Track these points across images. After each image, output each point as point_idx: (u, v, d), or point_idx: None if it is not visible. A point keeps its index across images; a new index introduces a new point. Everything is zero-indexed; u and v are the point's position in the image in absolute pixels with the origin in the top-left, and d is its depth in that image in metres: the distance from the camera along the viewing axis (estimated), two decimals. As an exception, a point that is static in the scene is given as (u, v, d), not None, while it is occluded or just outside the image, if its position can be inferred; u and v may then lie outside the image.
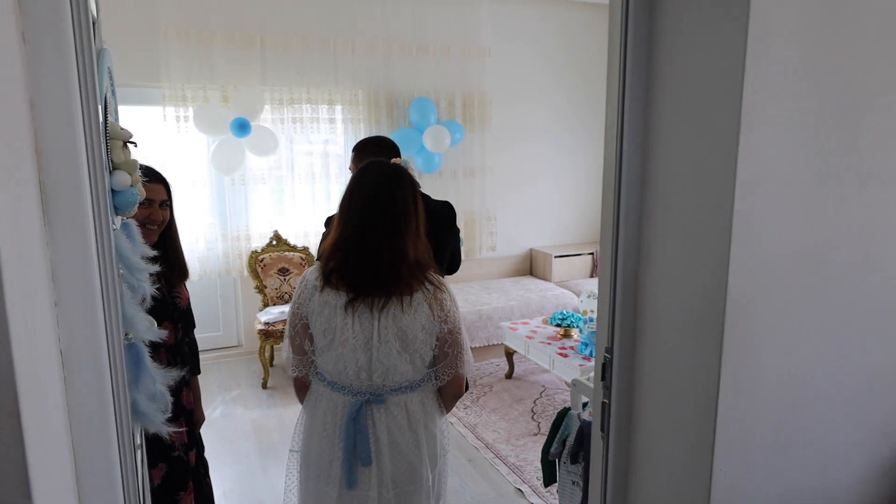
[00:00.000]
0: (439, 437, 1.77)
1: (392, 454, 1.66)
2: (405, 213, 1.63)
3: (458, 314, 1.69)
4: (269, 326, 4.40)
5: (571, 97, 5.89)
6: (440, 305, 1.64)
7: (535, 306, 5.03)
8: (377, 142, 2.61)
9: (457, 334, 1.68)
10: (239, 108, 4.43)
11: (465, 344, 1.72)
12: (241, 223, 4.80)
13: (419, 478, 1.69)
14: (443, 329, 1.64)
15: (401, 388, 1.67)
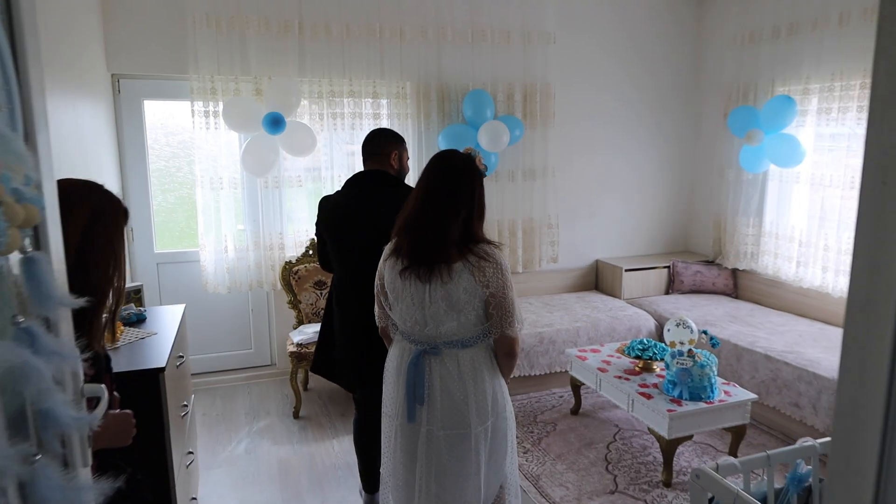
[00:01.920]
0: (490, 394, 1.99)
1: (443, 399, 1.95)
2: (455, 200, 1.92)
3: (502, 281, 1.92)
4: (301, 348, 3.89)
5: (645, 90, 5.20)
6: (482, 272, 1.90)
7: (604, 329, 4.37)
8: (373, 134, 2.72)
9: (500, 298, 1.92)
10: (273, 102, 3.95)
11: (511, 307, 1.94)
12: (274, 230, 4.32)
13: (466, 424, 1.96)
14: (485, 293, 1.91)
15: (453, 343, 1.96)
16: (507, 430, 2.05)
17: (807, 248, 4.33)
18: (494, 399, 2.00)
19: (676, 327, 3.27)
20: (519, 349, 2.00)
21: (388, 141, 2.63)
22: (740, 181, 4.81)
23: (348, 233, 2.54)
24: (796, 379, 3.47)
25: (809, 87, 4.24)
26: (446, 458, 1.98)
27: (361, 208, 2.53)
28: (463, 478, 1.99)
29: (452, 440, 1.96)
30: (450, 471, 1.98)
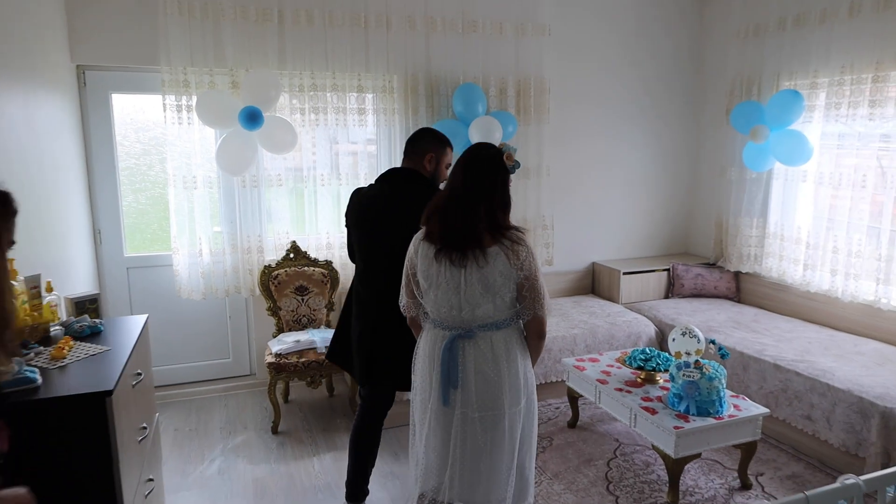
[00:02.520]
0: (522, 375, 2.08)
1: (477, 381, 2.04)
2: (486, 190, 2.02)
3: (534, 264, 2.03)
4: (280, 359, 3.64)
5: (644, 86, 4.98)
6: (516, 256, 1.99)
7: (602, 336, 4.14)
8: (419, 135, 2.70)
9: (533, 281, 2.01)
10: (250, 96, 3.69)
11: (542, 290, 2.04)
12: (253, 232, 4.06)
13: (500, 405, 2.04)
14: (519, 275, 2.00)
15: (486, 326, 2.04)
16: (535, 413, 2.17)
17: (814, 250, 4.12)
18: (526, 380, 2.10)
19: (682, 336, 3.04)
20: (546, 329, 2.12)
21: (427, 141, 2.61)
22: (743, 180, 4.59)
23: (370, 226, 2.59)
24: (808, 390, 3.25)
25: (817, 81, 4.03)
26: (481, 440, 2.06)
27: (385, 203, 2.55)
28: (497, 459, 2.08)
29: (487, 422, 2.05)
30: (484, 452, 2.07)
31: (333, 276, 4.10)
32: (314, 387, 3.76)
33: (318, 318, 4.05)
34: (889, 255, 3.67)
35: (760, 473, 3.15)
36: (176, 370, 4.21)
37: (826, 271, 4.04)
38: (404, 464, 3.27)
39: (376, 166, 4.27)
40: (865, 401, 2.97)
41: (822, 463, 3.22)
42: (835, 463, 3.16)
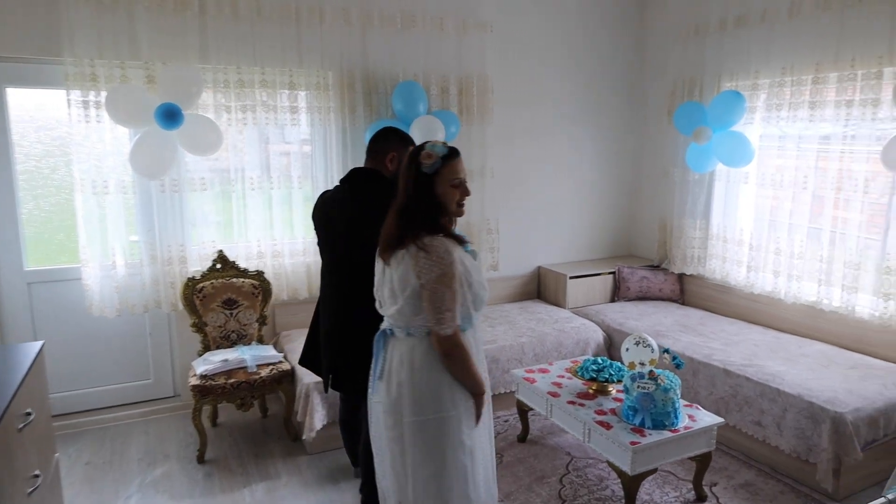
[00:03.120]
0: (423, 389, 1.96)
1: (391, 377, 2.03)
2: (404, 190, 1.99)
3: (435, 274, 1.87)
4: (206, 381, 3.31)
5: (587, 86, 4.89)
6: (416, 262, 1.90)
7: (550, 344, 4.00)
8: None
9: (430, 292, 1.89)
10: (168, 92, 3.35)
11: (441, 304, 1.88)
12: (174, 241, 3.71)
13: (399, 412, 2.00)
14: (417, 283, 1.91)
15: (400, 327, 2.02)
16: (446, 437, 1.97)
17: (757, 251, 4.12)
18: (436, 396, 1.97)
19: (636, 346, 2.92)
20: (457, 350, 1.94)
21: (389, 141, 2.59)
22: (686, 181, 4.57)
23: (331, 228, 2.59)
24: (758, 395, 3.21)
25: (758, 82, 4.03)
26: (385, 439, 2.07)
27: (343, 205, 2.54)
28: (391, 464, 2.07)
29: (388, 422, 2.04)
30: (383, 451, 2.09)
31: (265, 287, 3.79)
32: (245, 409, 3.45)
33: (248, 334, 3.74)
34: (830, 256, 3.69)
35: (714, 483, 3.07)
36: (88, 395, 3.81)
37: (769, 273, 4.05)
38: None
39: (311, 168, 4.00)
40: (815, 406, 2.93)
41: (773, 469, 3.17)
42: (786, 469, 3.12)
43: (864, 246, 3.52)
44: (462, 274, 1.94)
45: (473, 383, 2.01)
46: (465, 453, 2.00)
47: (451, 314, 1.88)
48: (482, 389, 2.03)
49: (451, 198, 1.97)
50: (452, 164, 1.97)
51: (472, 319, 2.05)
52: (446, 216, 1.99)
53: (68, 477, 3.16)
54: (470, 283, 1.97)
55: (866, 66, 3.42)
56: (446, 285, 1.87)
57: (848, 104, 3.51)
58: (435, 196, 1.95)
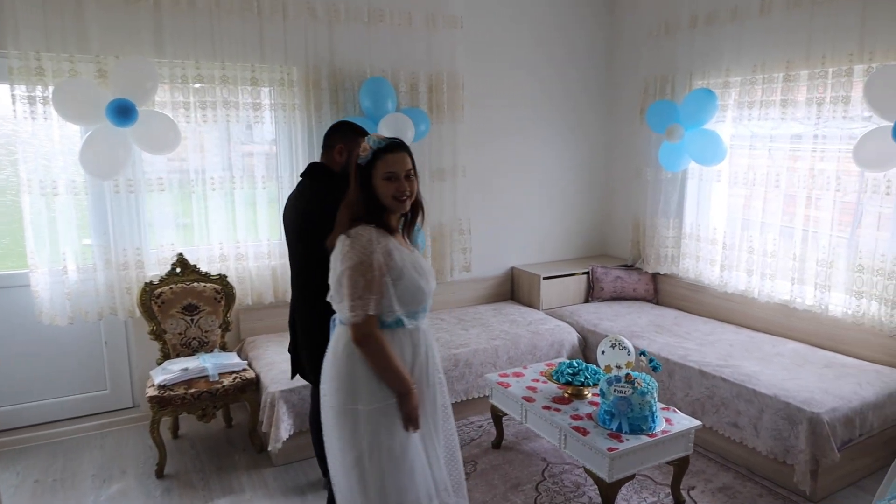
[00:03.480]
0: (342, 378, 1.97)
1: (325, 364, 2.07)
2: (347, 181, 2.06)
3: (353, 262, 1.88)
4: (164, 391, 3.14)
5: (558, 84, 4.83)
6: (341, 250, 1.92)
7: (524, 346, 3.92)
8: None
9: (346, 278, 1.89)
10: (121, 87, 3.17)
11: (345, 290, 1.89)
12: (130, 245, 3.52)
13: (325, 392, 2.04)
14: (335, 270, 1.93)
15: (337, 316, 2.05)
16: (360, 432, 1.95)
17: (730, 250, 4.09)
18: (353, 386, 1.96)
19: (612, 349, 2.85)
20: (368, 342, 1.91)
21: (338, 134, 2.61)
22: (659, 180, 4.53)
23: (285, 222, 2.65)
24: (734, 396, 3.16)
25: (730, 80, 4.00)
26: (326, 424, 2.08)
27: (294, 199, 2.60)
28: (330, 451, 2.08)
29: (325, 406, 2.06)
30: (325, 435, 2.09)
31: (228, 291, 3.63)
32: (207, 420, 3.29)
33: (210, 341, 3.57)
34: (802, 254, 3.67)
35: (692, 487, 3.01)
36: (38, 408, 3.60)
37: (742, 271, 4.02)
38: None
39: (276, 167, 3.84)
40: (792, 406, 2.90)
41: (750, 471, 3.13)
42: (763, 471, 3.08)
43: (836, 244, 3.51)
44: (387, 266, 1.90)
45: (392, 380, 1.93)
46: (382, 454, 1.93)
47: (361, 303, 1.86)
48: (404, 388, 1.94)
49: (385, 191, 1.95)
50: (386, 158, 1.95)
51: (414, 316, 1.99)
52: (384, 210, 1.98)
53: (14, 498, 2.97)
54: (399, 277, 1.93)
55: (837, 63, 3.41)
56: (361, 273, 1.86)
57: (819, 102, 3.49)
58: (372, 188, 1.96)
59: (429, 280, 2.02)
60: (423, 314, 2.04)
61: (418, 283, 1.97)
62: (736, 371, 3.26)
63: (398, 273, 1.93)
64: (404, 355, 1.99)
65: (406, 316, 1.96)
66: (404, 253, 1.98)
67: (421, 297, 1.99)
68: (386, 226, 1.97)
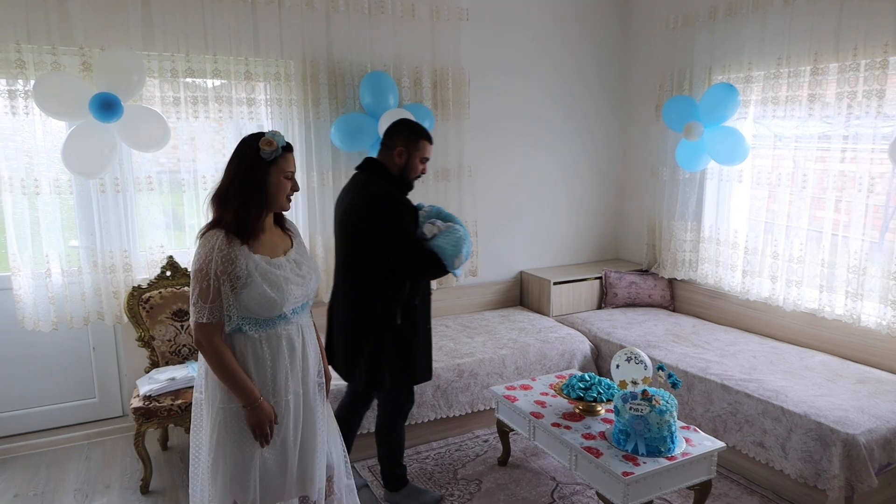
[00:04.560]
0: (207, 375, 1.95)
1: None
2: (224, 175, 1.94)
3: (195, 267, 1.84)
4: (150, 402, 2.96)
5: (569, 80, 4.61)
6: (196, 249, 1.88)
7: (533, 356, 3.70)
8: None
9: (190, 281, 1.88)
10: (106, 80, 3.00)
11: (192, 295, 1.86)
12: (117, 247, 3.35)
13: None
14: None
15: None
16: (214, 437, 1.93)
17: (753, 255, 3.85)
18: (207, 378, 1.95)
19: (627, 363, 2.63)
20: (205, 346, 1.86)
21: (399, 135, 2.57)
22: (676, 180, 4.30)
23: (334, 217, 2.67)
24: (760, 414, 2.93)
25: (752, 74, 3.76)
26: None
27: (341, 194, 2.64)
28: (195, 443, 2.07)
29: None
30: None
31: (221, 296, 3.44)
32: (194, 434, 3.10)
33: (201, 349, 3.39)
34: (832, 260, 3.43)
35: (713, 512, 2.78)
36: (22, 417, 3.44)
37: (766, 278, 3.78)
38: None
39: (272, 167, 3.65)
40: (825, 427, 2.66)
41: (777, 496, 2.89)
42: (792, 495, 2.84)
43: (869, 249, 3.26)
44: (227, 273, 1.83)
45: (234, 389, 1.88)
46: (228, 454, 1.92)
47: (195, 308, 1.84)
48: (247, 399, 1.88)
49: (283, 189, 1.94)
50: (289, 156, 1.95)
51: (263, 325, 1.93)
52: (268, 208, 1.94)
53: (-11, 515, 2.80)
54: (244, 285, 1.85)
55: (870, 54, 3.16)
56: (198, 280, 1.84)
57: (850, 97, 3.25)
58: (265, 185, 1.90)
59: (283, 288, 1.91)
60: (281, 323, 1.95)
61: (267, 292, 1.87)
62: (761, 386, 3.03)
63: (242, 282, 1.86)
64: (250, 363, 1.92)
65: (251, 324, 1.91)
66: (255, 260, 1.88)
67: (272, 307, 1.90)
68: (248, 228, 1.88)
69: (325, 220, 3.78)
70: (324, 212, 3.77)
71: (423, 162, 2.60)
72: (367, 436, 3.18)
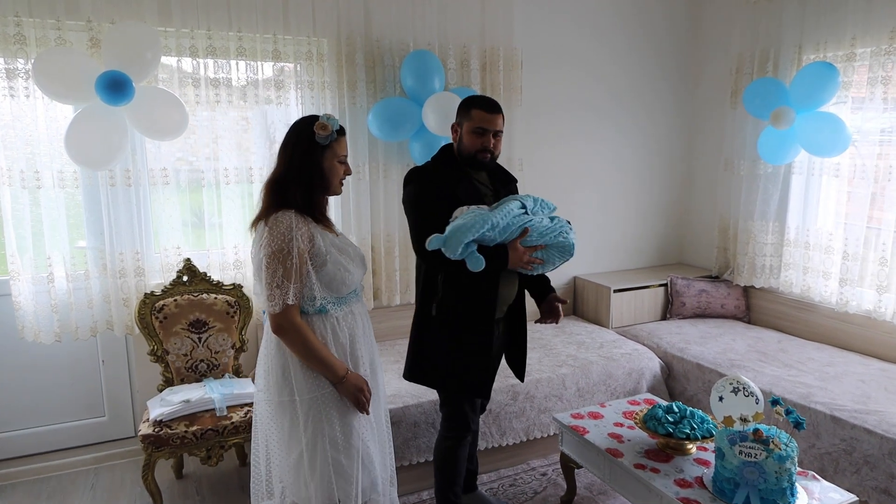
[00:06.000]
0: (275, 370, 1.90)
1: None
2: (280, 161, 1.91)
3: (272, 249, 1.79)
4: (161, 428, 2.57)
5: (637, 60, 4.12)
6: (261, 237, 1.84)
7: (597, 375, 3.23)
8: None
9: (265, 266, 1.81)
10: (116, 58, 2.62)
11: (271, 278, 1.79)
12: (128, 248, 2.98)
13: (260, 387, 1.98)
14: (260, 256, 1.83)
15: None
16: (302, 423, 1.88)
17: (853, 262, 3.32)
18: (286, 378, 1.89)
19: (733, 395, 2.14)
20: (289, 330, 1.83)
21: (457, 112, 2.29)
22: (756, 175, 3.78)
23: None
24: (886, 455, 2.41)
25: (856, 51, 3.24)
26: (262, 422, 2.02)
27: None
28: (272, 448, 2.00)
29: (259, 402, 2.01)
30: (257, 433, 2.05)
31: (244, 304, 3.05)
32: (212, 464, 2.69)
33: (221, 364, 2.99)
34: (957, 268, 2.89)
35: (833, 576, 2.28)
36: (23, 438, 3.08)
37: (870, 288, 3.25)
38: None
39: (302, 159, 3.25)
40: (979, 476, 2.14)
41: (910, 556, 2.38)
42: (930, 557, 2.33)
43: None
44: (308, 252, 1.83)
45: (323, 369, 1.87)
46: (325, 445, 1.87)
47: (280, 291, 1.79)
48: (336, 376, 1.87)
49: (337, 173, 1.92)
50: (343, 140, 1.92)
51: (341, 303, 1.93)
52: (326, 192, 1.93)
53: (-22, 556, 2.43)
54: (323, 263, 1.86)
55: None
56: (280, 261, 1.79)
57: None
58: (322, 169, 1.88)
59: (357, 264, 1.96)
60: (352, 299, 1.98)
61: (345, 267, 1.90)
62: (883, 420, 2.51)
63: (321, 259, 1.85)
64: (330, 342, 1.90)
65: (332, 303, 1.90)
66: (328, 237, 1.90)
67: (349, 282, 1.92)
68: (315, 210, 1.89)
69: (360, 219, 3.37)
70: (359, 210, 3.35)
71: (481, 134, 2.20)
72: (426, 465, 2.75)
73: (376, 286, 3.49)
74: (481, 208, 2.12)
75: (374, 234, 3.43)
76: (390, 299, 3.52)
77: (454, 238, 2.00)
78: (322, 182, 1.89)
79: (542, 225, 2.17)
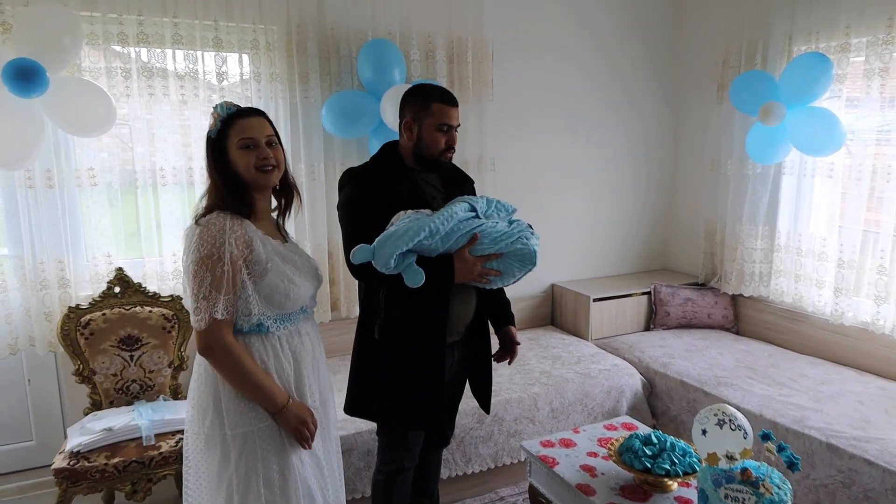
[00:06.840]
0: (200, 397, 1.66)
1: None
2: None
3: (199, 255, 1.56)
4: (76, 462, 2.28)
5: (617, 53, 3.86)
6: (191, 237, 1.61)
7: (573, 394, 2.96)
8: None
9: (190, 274, 1.59)
10: (28, 43, 2.33)
11: (199, 290, 1.57)
12: (50, 256, 2.68)
13: (190, 417, 1.71)
14: (188, 262, 1.60)
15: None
16: (221, 457, 1.63)
17: (849, 269, 3.07)
18: (217, 407, 1.63)
19: (718, 427, 1.87)
20: (216, 350, 1.57)
21: (405, 102, 1.99)
22: (743, 175, 3.54)
23: None
24: (890, 490, 2.16)
25: (850, 41, 2.99)
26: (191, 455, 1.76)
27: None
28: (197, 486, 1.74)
29: (188, 433, 1.74)
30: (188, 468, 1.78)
31: (184, 318, 2.76)
32: (138, 498, 2.40)
33: (156, 385, 2.70)
34: (963, 277, 2.65)
35: None
36: (-64, 468, 2.78)
37: (867, 298, 3.01)
38: None
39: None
40: None
41: None
42: None
43: None
44: (244, 259, 1.59)
45: (259, 397, 1.62)
46: (259, 486, 1.62)
47: (206, 303, 1.56)
48: (273, 406, 1.62)
49: (244, 162, 1.64)
50: (239, 123, 1.65)
51: (285, 320, 1.68)
52: (247, 186, 1.66)
53: None
54: (263, 273, 1.62)
55: None
56: (208, 268, 1.55)
57: None
58: (229, 164, 1.65)
59: (306, 276, 1.73)
60: (299, 318, 1.73)
61: (289, 279, 1.66)
62: (885, 449, 2.26)
63: (261, 268, 1.62)
64: (271, 368, 1.65)
65: (273, 320, 1.66)
66: (271, 243, 1.67)
67: (294, 296, 1.68)
68: (248, 212, 1.65)
69: (315, 224, 3.09)
70: (314, 213, 3.07)
71: (445, 131, 1.94)
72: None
73: (335, 296, 3.22)
74: (422, 212, 1.83)
75: (332, 240, 3.15)
76: (350, 310, 3.24)
77: (384, 248, 1.72)
78: (235, 175, 1.65)
79: (496, 230, 1.87)
